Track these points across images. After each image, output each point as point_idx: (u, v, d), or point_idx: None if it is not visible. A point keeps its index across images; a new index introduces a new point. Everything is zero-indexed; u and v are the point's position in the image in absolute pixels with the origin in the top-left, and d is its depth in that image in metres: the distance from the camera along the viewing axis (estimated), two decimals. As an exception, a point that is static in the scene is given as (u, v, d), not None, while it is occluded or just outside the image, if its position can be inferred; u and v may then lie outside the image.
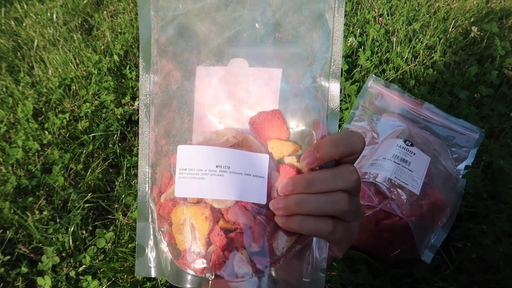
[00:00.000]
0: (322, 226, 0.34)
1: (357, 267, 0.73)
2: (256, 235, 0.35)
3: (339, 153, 0.34)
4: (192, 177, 0.35)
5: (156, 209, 0.39)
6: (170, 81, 0.39)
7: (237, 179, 0.35)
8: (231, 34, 0.38)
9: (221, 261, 0.35)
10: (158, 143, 0.39)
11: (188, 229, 0.35)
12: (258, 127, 0.37)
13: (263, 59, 0.38)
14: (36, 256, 0.82)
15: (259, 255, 0.35)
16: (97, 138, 1.01)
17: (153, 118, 0.39)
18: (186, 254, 0.36)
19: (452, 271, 0.71)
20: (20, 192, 0.92)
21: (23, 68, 1.25)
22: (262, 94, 0.38)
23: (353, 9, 1.34)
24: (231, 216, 0.35)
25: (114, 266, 0.76)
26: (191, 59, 0.38)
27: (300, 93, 0.37)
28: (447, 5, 1.36)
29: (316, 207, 0.34)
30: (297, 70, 0.37)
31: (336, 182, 0.34)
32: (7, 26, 1.47)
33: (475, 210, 0.78)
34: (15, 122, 1.08)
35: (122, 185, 0.91)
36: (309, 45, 0.37)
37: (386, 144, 0.79)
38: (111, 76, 1.17)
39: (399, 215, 0.66)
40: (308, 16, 0.37)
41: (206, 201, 0.35)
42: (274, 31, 0.37)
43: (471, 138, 0.84)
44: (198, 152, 0.36)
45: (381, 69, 1.12)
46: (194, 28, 0.38)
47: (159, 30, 0.38)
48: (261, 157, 0.36)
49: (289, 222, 0.34)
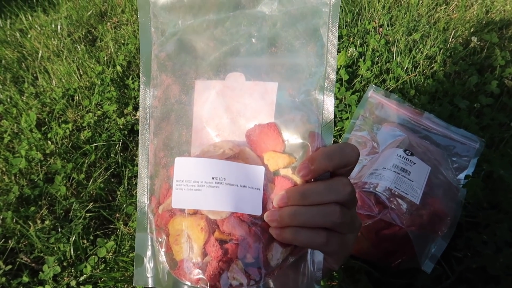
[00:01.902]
0: (315, 238, 0.34)
1: (357, 277, 0.73)
2: (251, 246, 0.36)
3: (333, 165, 0.35)
4: (188, 189, 0.36)
5: (154, 220, 0.39)
6: (169, 95, 0.40)
7: (233, 190, 0.36)
8: (229, 49, 0.39)
9: (217, 272, 0.35)
10: (157, 155, 0.40)
11: (184, 240, 0.36)
12: (254, 140, 0.38)
13: (259, 73, 0.39)
14: (37, 265, 0.82)
15: (254, 266, 0.36)
16: (100, 148, 1.01)
17: (152, 130, 0.40)
18: (182, 265, 0.36)
19: (453, 281, 0.71)
20: (23, 201, 0.92)
21: (28, 78, 1.27)
22: (258, 107, 0.38)
23: (354, 19, 1.36)
24: (226, 228, 0.36)
25: (115, 275, 0.77)
26: (189, 74, 0.39)
27: (295, 106, 0.38)
28: (447, 16, 1.37)
29: (309, 219, 0.34)
30: (292, 83, 0.38)
31: (330, 194, 0.34)
32: (12, 37, 1.49)
33: (476, 220, 0.77)
34: (18, 132, 1.09)
35: (123, 194, 0.92)
36: (304, 59, 0.38)
37: (386, 154, 0.79)
38: (114, 86, 1.18)
39: (399, 225, 0.66)
40: (303, 31, 0.38)
41: (202, 212, 0.36)
42: (270, 46, 0.38)
43: (471, 147, 0.84)
44: (194, 164, 0.37)
45: (382, 79, 1.13)
46: (192, 43, 0.39)
47: (159, 45, 0.40)
48: (257, 169, 0.37)
49: (283, 233, 0.35)
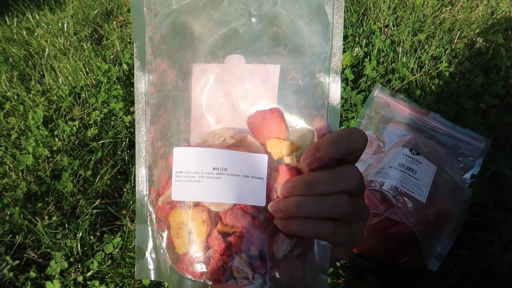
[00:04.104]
0: (322, 229, 0.33)
1: (363, 275, 0.73)
2: (255, 238, 0.34)
3: (340, 152, 0.33)
4: (188, 180, 0.34)
5: (154, 211, 0.38)
6: (165, 81, 0.37)
7: (235, 181, 0.34)
8: (227, 30, 0.36)
9: (220, 266, 0.34)
10: (155, 145, 0.38)
11: (186, 233, 0.35)
12: (257, 127, 0.36)
13: (260, 55, 0.36)
14: (44, 261, 0.83)
15: (259, 259, 0.35)
16: (106, 145, 1.02)
17: (149, 119, 0.38)
18: (184, 259, 0.35)
19: (459, 280, 0.71)
20: (30, 197, 0.93)
21: (34, 76, 1.27)
22: (259, 92, 0.36)
23: (359, 19, 1.36)
24: (229, 220, 0.34)
25: (121, 271, 0.77)
26: (186, 57, 0.37)
27: (299, 90, 0.36)
28: (453, 16, 1.37)
29: (316, 210, 0.32)
30: (295, 66, 0.36)
31: (337, 183, 0.33)
32: (19, 35, 1.50)
33: (482, 219, 0.78)
34: (26, 129, 1.10)
35: (130, 191, 0.92)
36: (308, 40, 0.35)
37: (392, 153, 0.79)
38: (120, 84, 1.19)
39: (405, 223, 0.67)
40: (307, 9, 0.35)
41: (203, 205, 0.35)
42: (271, 25, 0.36)
43: (477, 147, 0.85)
44: (194, 154, 0.35)
45: (387, 79, 1.13)
46: (188, 25, 0.37)
47: (153, 27, 0.37)
48: (260, 158, 0.35)
49: (289, 225, 0.33)
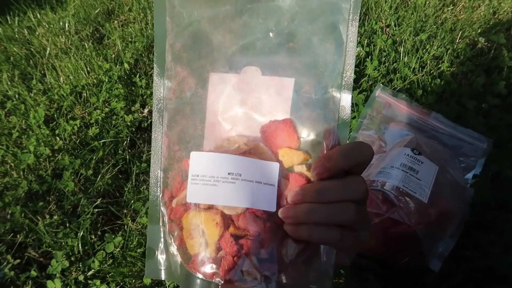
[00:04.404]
0: (331, 235, 0.34)
1: (364, 275, 0.73)
2: (266, 242, 0.36)
3: (349, 164, 0.35)
4: (204, 184, 0.36)
5: (167, 213, 0.39)
6: (184, 88, 0.39)
7: (248, 186, 0.36)
8: (245, 43, 0.38)
9: (231, 267, 0.35)
10: (171, 149, 0.39)
11: (198, 235, 0.36)
12: (269, 136, 0.38)
13: (276, 68, 0.38)
14: (45, 260, 0.83)
15: (268, 262, 0.36)
16: (107, 145, 1.02)
17: (166, 123, 0.40)
18: (196, 259, 0.36)
19: (461, 280, 0.71)
20: (31, 196, 0.93)
21: (36, 75, 1.27)
22: (274, 103, 0.38)
23: (361, 19, 1.36)
24: (241, 223, 0.35)
25: (122, 270, 0.77)
26: (205, 66, 0.39)
27: (311, 103, 0.38)
28: (454, 16, 1.37)
29: (325, 217, 0.34)
30: (309, 80, 0.37)
31: (345, 192, 0.34)
32: (20, 34, 1.50)
33: (483, 220, 0.77)
34: (27, 128, 1.10)
35: (131, 191, 0.92)
36: (322, 56, 0.37)
37: (393, 153, 0.79)
38: (122, 84, 1.19)
39: (407, 223, 0.66)
40: (322, 27, 0.37)
41: (217, 207, 0.36)
42: (288, 41, 0.37)
43: (479, 147, 0.84)
44: (210, 159, 0.36)
45: (389, 79, 1.13)
46: (208, 35, 0.38)
47: (174, 36, 0.39)
48: (272, 165, 0.37)
49: (298, 230, 0.34)
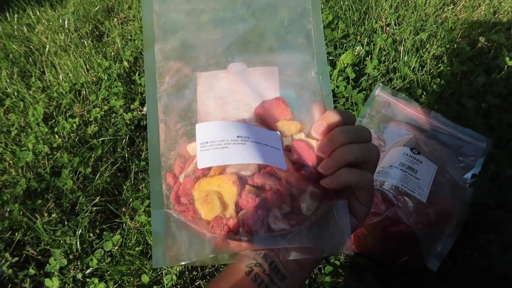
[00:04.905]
0: (364, 175, 0.39)
1: (363, 274, 0.73)
2: (285, 196, 0.37)
3: (350, 139, 0.39)
4: (215, 148, 0.37)
5: (173, 192, 0.39)
6: (181, 76, 0.42)
7: (258, 147, 0.37)
8: (229, 44, 0.43)
9: (256, 219, 0.35)
10: (172, 129, 0.41)
11: (215, 198, 0.36)
12: (265, 114, 0.40)
13: (259, 63, 0.43)
14: (43, 258, 0.83)
15: (292, 213, 0.37)
16: (106, 143, 1.02)
17: (162, 110, 0.41)
18: (216, 222, 0.36)
19: (459, 280, 0.71)
20: (30, 194, 0.93)
21: (35, 73, 1.27)
22: (263, 86, 0.42)
23: (361, 18, 1.36)
24: (258, 179, 0.36)
25: (121, 269, 0.77)
26: (197, 62, 0.43)
27: (297, 85, 0.43)
28: (455, 16, 1.37)
29: (358, 154, 0.38)
30: (291, 67, 0.43)
31: (364, 132, 0.40)
32: (19, 32, 1.50)
33: (482, 219, 0.77)
34: (25, 125, 1.10)
35: (130, 189, 0.92)
36: (298, 50, 0.44)
37: (393, 152, 0.79)
38: (121, 82, 1.19)
39: (405, 223, 0.66)
40: (293, 28, 0.44)
41: (230, 171, 0.37)
42: (267, 40, 0.43)
43: (478, 147, 0.84)
44: (218, 126, 0.38)
45: (388, 78, 1.13)
46: (194, 42, 0.43)
47: (162, 42, 0.42)
48: (274, 134, 0.40)
49: (336, 177, 0.38)
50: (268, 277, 0.39)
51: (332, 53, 1.21)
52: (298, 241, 0.37)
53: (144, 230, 0.82)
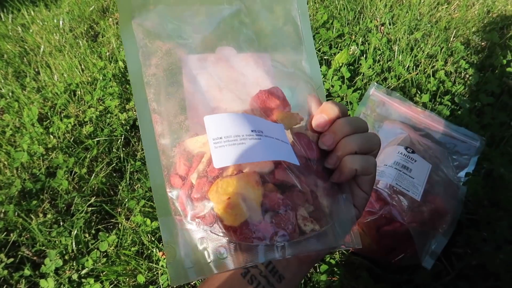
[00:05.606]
0: (369, 160, 0.38)
1: (358, 273, 0.73)
2: (307, 193, 0.34)
3: (351, 130, 0.39)
4: (231, 144, 0.32)
5: (183, 196, 0.34)
6: (173, 59, 0.37)
7: (272, 142, 0.34)
8: (216, 25, 0.40)
9: (289, 222, 0.32)
10: (173, 122, 0.36)
11: (240, 201, 0.32)
12: (263, 104, 0.38)
13: (248, 48, 0.41)
14: (39, 259, 0.83)
15: (316, 211, 0.35)
16: (101, 143, 1.02)
17: (153, 99, 0.36)
18: (244, 227, 0.32)
19: (453, 277, 0.72)
20: (25, 195, 0.93)
21: (29, 73, 1.27)
22: (257, 74, 0.40)
23: (356, 18, 1.36)
24: (279, 176, 0.33)
25: (116, 269, 0.77)
26: (186, 49, 0.39)
27: (290, 73, 0.41)
28: (449, 15, 1.37)
29: (361, 142, 0.38)
30: (281, 56, 0.42)
31: (363, 123, 0.39)
32: (14, 32, 1.49)
33: (476, 217, 0.78)
34: (20, 126, 1.09)
35: (125, 189, 0.92)
36: (286, 37, 0.43)
37: (387, 151, 0.79)
38: (116, 82, 1.18)
39: (400, 221, 0.67)
40: (280, 13, 0.43)
41: (248, 169, 0.33)
42: (254, 24, 0.41)
43: (472, 146, 0.85)
44: (230, 119, 0.34)
45: (383, 77, 1.13)
46: (178, 19, 0.39)
47: (141, 14, 0.38)
48: (279, 126, 0.37)
49: (344, 168, 0.37)
50: (265, 279, 0.38)
51: (327, 53, 1.22)
52: (325, 242, 0.34)
53: (140, 230, 0.82)
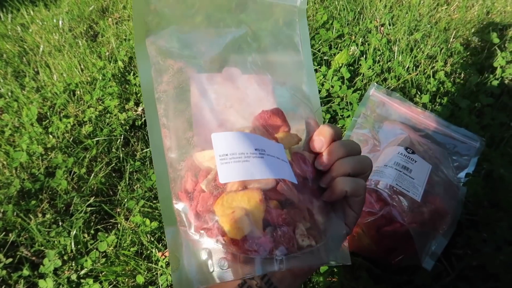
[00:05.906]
0: (359, 183, 0.40)
1: (358, 274, 0.73)
2: (304, 211, 0.37)
3: (346, 153, 0.41)
4: (236, 161, 0.35)
5: (193, 206, 0.36)
6: (183, 78, 0.40)
7: (274, 160, 0.37)
8: (224, 46, 0.42)
9: (289, 237, 0.34)
10: (182, 137, 0.38)
11: (243, 216, 0.33)
12: (265, 124, 0.40)
13: (252, 70, 0.43)
14: (38, 259, 0.82)
15: (313, 229, 0.37)
16: (101, 143, 1.01)
17: (163, 114, 0.38)
18: (246, 241, 0.33)
19: (453, 278, 0.71)
20: (24, 195, 0.92)
21: (29, 73, 1.26)
22: (260, 95, 0.42)
23: (356, 18, 1.36)
24: (280, 194, 0.36)
25: (115, 269, 0.77)
26: (195, 68, 0.41)
27: (289, 95, 0.44)
28: (448, 16, 1.37)
29: (356, 164, 0.40)
30: (283, 77, 0.44)
31: (356, 147, 0.42)
32: (13, 32, 1.49)
33: (476, 218, 0.78)
34: (19, 126, 1.09)
35: (124, 189, 0.92)
36: (287, 61, 0.45)
37: (387, 152, 0.79)
38: (115, 82, 1.18)
39: (400, 222, 0.67)
40: (283, 38, 0.45)
41: (252, 185, 0.35)
42: (258, 49, 0.44)
43: (472, 146, 0.85)
44: (236, 137, 0.36)
45: (383, 78, 1.13)
46: (189, 39, 0.42)
47: (155, 33, 0.40)
48: (279, 146, 0.39)
49: (336, 188, 0.39)
50: None
51: (327, 53, 1.22)
52: (318, 257, 0.36)
53: (139, 231, 0.82)
